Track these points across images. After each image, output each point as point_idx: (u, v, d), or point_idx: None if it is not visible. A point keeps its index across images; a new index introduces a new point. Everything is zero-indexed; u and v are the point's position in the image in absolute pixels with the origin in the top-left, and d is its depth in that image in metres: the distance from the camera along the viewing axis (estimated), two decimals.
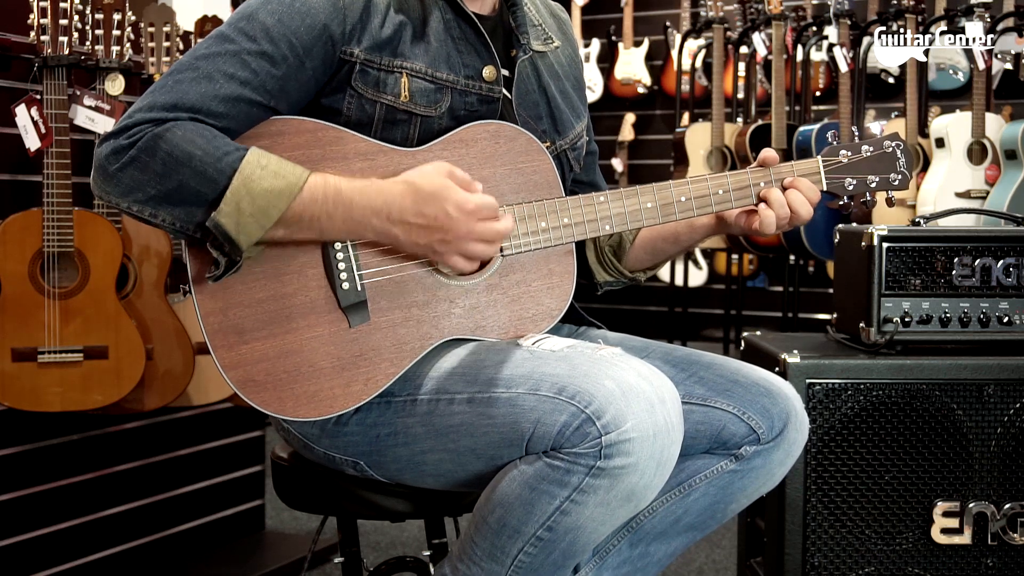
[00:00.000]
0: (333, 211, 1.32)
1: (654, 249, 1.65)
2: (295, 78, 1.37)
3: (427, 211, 1.32)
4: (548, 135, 1.58)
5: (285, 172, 1.30)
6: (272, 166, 1.29)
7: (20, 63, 2.28)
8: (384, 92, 1.41)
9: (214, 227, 1.28)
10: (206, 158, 1.28)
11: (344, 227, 1.33)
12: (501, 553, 1.32)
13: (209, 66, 1.33)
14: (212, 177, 1.28)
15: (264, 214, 1.29)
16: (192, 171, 1.28)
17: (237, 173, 1.28)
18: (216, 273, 1.32)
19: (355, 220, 1.33)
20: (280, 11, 1.36)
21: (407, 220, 1.32)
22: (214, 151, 1.28)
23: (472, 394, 1.34)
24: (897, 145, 1.56)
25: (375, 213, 1.33)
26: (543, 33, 1.63)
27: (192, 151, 1.27)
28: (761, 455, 1.47)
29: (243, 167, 1.28)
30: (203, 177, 1.28)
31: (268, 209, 1.29)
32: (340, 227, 1.33)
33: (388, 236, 1.34)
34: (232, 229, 1.28)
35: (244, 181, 1.28)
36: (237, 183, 1.27)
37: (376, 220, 1.33)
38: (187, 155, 1.27)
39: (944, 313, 1.98)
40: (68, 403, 2.21)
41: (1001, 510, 1.93)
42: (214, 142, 1.29)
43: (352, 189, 1.33)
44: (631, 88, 6.08)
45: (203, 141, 1.28)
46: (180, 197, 1.29)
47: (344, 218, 1.32)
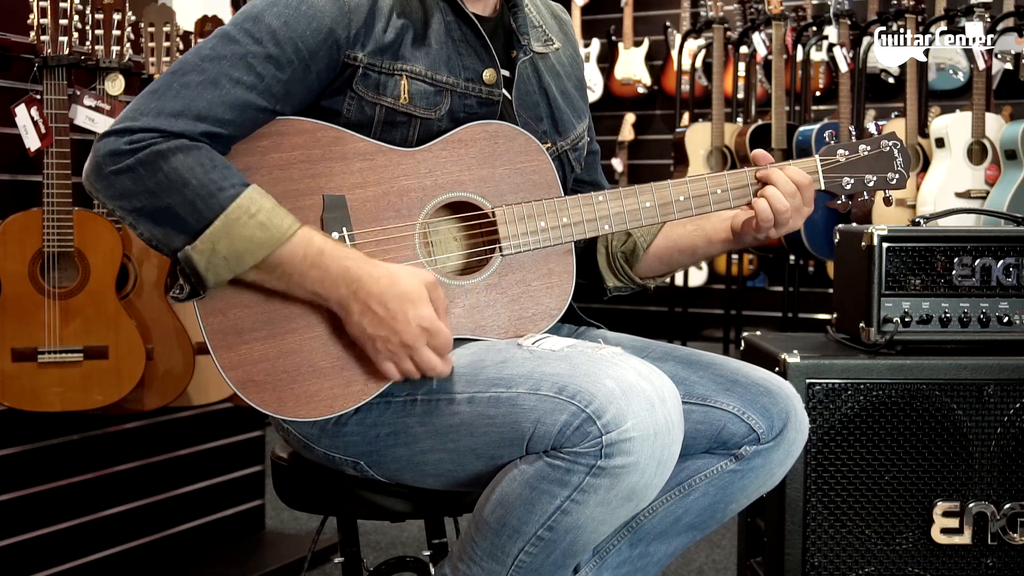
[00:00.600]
0: (308, 272, 1.31)
1: (669, 260, 1.64)
2: (300, 81, 1.37)
3: (391, 306, 1.31)
4: (549, 136, 1.58)
5: (273, 224, 1.29)
6: (261, 215, 1.28)
7: (20, 63, 2.28)
8: (384, 94, 1.41)
9: (184, 260, 1.28)
10: (200, 189, 1.27)
11: (311, 288, 1.32)
12: (502, 553, 1.32)
13: (215, 69, 1.32)
14: (199, 210, 1.27)
15: (238, 260, 1.29)
16: (183, 199, 1.27)
17: (223, 215, 1.27)
18: (179, 296, 1.33)
19: (325, 285, 1.32)
20: (287, 14, 1.35)
21: (368, 304, 1.31)
22: (209, 184, 1.27)
23: (472, 394, 1.34)
24: (894, 144, 1.56)
25: (346, 283, 1.31)
26: (544, 34, 1.63)
27: (188, 179, 1.27)
28: (761, 455, 1.47)
29: (231, 210, 1.27)
30: (191, 208, 1.27)
31: (244, 256, 1.28)
32: (308, 288, 1.32)
33: (343, 307, 1.33)
34: (201, 266, 1.28)
35: (227, 224, 1.27)
36: (219, 224, 1.27)
37: (344, 289, 1.31)
38: (183, 182, 1.27)
39: (944, 313, 1.98)
40: (68, 403, 2.21)
41: (1001, 510, 1.93)
42: (212, 174, 1.28)
43: (334, 255, 1.31)
44: (631, 88, 6.08)
45: (202, 171, 1.27)
46: (164, 218, 1.28)
47: (315, 280, 1.31)
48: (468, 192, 1.45)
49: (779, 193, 1.47)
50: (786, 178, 1.48)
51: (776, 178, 1.48)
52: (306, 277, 1.31)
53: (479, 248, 1.47)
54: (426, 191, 1.43)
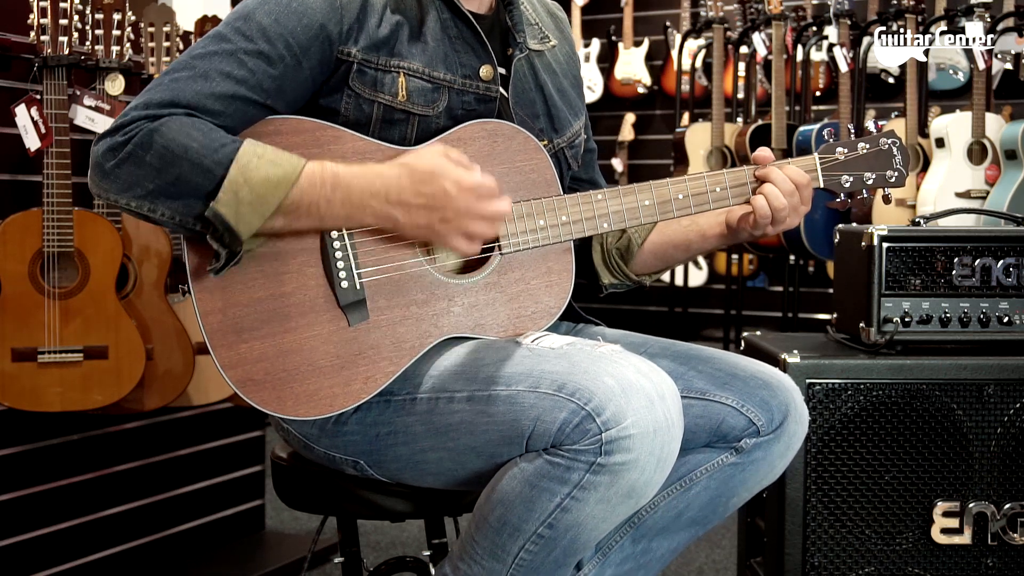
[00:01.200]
0: (332, 196, 1.31)
1: (664, 255, 1.64)
2: (292, 78, 1.37)
3: (425, 190, 1.31)
4: (546, 133, 1.58)
5: (282, 160, 1.30)
6: (269, 155, 1.29)
7: (20, 63, 2.28)
8: (382, 92, 1.42)
9: (213, 217, 1.28)
10: (202, 150, 1.28)
11: (343, 212, 1.33)
12: (502, 551, 1.32)
13: (205, 65, 1.33)
14: (209, 168, 1.28)
15: (263, 202, 1.28)
16: (189, 163, 1.28)
17: (234, 162, 1.28)
18: (217, 265, 1.32)
19: (354, 204, 1.32)
20: (277, 11, 1.36)
21: (406, 201, 1.32)
22: (210, 143, 1.28)
23: (472, 392, 1.34)
24: (893, 142, 1.56)
25: (374, 195, 1.32)
26: (540, 31, 1.63)
27: (188, 144, 1.28)
28: (761, 447, 1.47)
29: (240, 156, 1.28)
30: (200, 169, 1.28)
31: (267, 197, 1.28)
32: (339, 212, 1.32)
33: (388, 219, 1.33)
34: (231, 218, 1.28)
35: (241, 170, 1.27)
36: (234, 172, 1.27)
37: (375, 202, 1.32)
38: (183, 148, 1.27)
39: (944, 313, 1.98)
40: (68, 403, 2.21)
41: (1001, 510, 1.93)
42: (210, 135, 1.29)
43: (350, 173, 1.32)
44: (631, 88, 6.08)
45: (199, 134, 1.28)
46: (178, 190, 1.29)
47: (343, 202, 1.32)
48: None
49: (777, 191, 1.47)
50: (784, 176, 1.48)
51: (775, 176, 1.48)
52: (333, 203, 1.31)
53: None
54: None
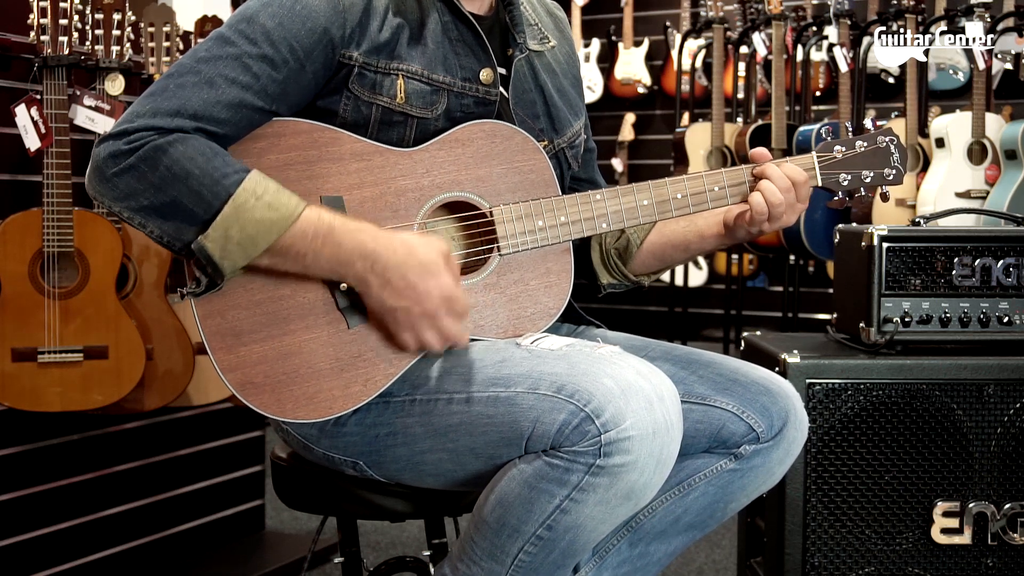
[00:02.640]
0: (320, 249, 1.31)
1: (663, 255, 1.64)
2: (295, 81, 1.37)
3: (411, 277, 1.31)
4: (546, 134, 1.58)
5: (280, 204, 1.29)
6: (267, 197, 1.28)
7: (20, 63, 2.28)
8: (380, 94, 1.41)
9: (199, 250, 1.28)
10: (203, 179, 1.27)
11: (327, 266, 1.32)
12: (501, 552, 1.32)
13: (211, 70, 1.32)
14: (207, 199, 1.27)
15: (252, 243, 1.28)
16: (188, 189, 1.27)
17: (231, 199, 1.27)
18: (196, 291, 1.32)
19: (339, 261, 1.32)
20: (281, 14, 1.35)
21: (387, 277, 1.31)
22: (212, 172, 1.27)
23: (471, 393, 1.34)
24: (891, 140, 1.56)
25: (362, 258, 1.31)
26: (539, 32, 1.63)
27: (191, 169, 1.27)
28: (761, 454, 1.47)
29: (238, 194, 1.27)
30: (198, 197, 1.27)
31: (256, 239, 1.28)
32: (324, 266, 1.32)
33: (362, 283, 1.33)
34: (217, 255, 1.28)
35: (236, 209, 1.27)
36: (229, 210, 1.27)
37: (360, 264, 1.32)
38: (186, 173, 1.27)
39: (944, 313, 1.98)
40: (68, 403, 2.21)
41: (1001, 510, 1.93)
42: (213, 161, 1.28)
43: (345, 230, 1.32)
44: (631, 88, 6.08)
45: (203, 160, 1.28)
46: (172, 212, 1.28)
47: (329, 258, 1.31)
48: (466, 192, 1.45)
49: (774, 187, 1.47)
50: (781, 173, 1.48)
51: (771, 173, 1.48)
52: (320, 255, 1.31)
53: (477, 248, 1.47)
54: (423, 191, 1.43)
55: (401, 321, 1.33)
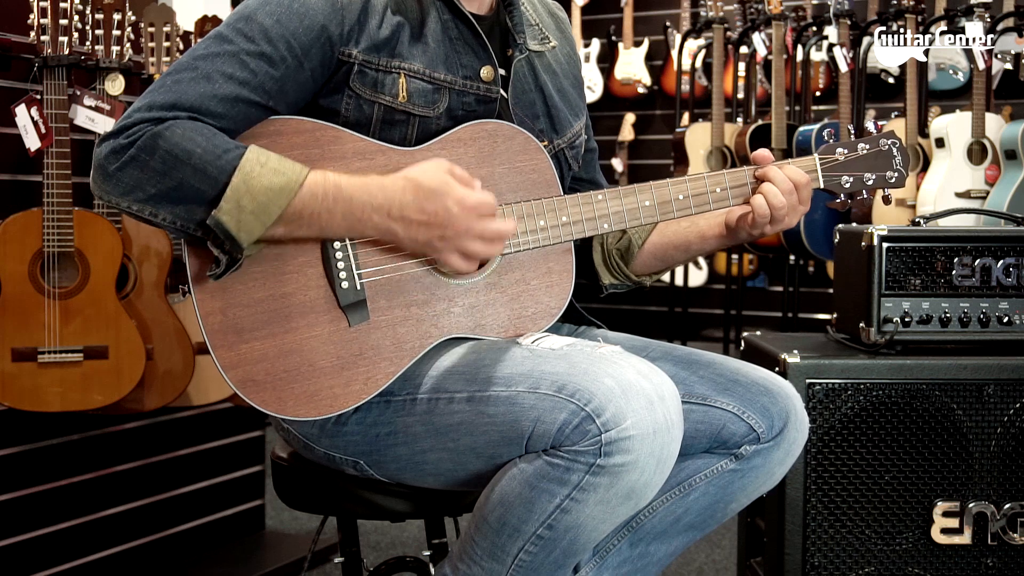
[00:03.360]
0: (333, 207, 1.32)
1: (664, 256, 1.65)
2: (293, 79, 1.37)
3: (427, 207, 1.32)
4: (546, 134, 1.58)
5: (285, 169, 1.30)
6: (272, 163, 1.29)
7: (20, 63, 2.28)
8: (382, 93, 1.42)
9: (215, 225, 1.28)
10: (206, 156, 1.28)
11: (344, 224, 1.33)
12: (502, 552, 1.32)
13: (208, 66, 1.33)
14: (212, 175, 1.28)
15: (264, 211, 1.29)
16: (192, 169, 1.28)
17: (237, 170, 1.28)
18: (217, 271, 1.32)
19: (355, 217, 1.32)
20: (279, 12, 1.36)
21: (407, 216, 1.32)
22: (214, 149, 1.28)
23: (472, 393, 1.34)
24: (893, 143, 1.57)
25: (376, 209, 1.32)
26: (540, 32, 1.63)
27: (192, 149, 1.27)
28: (761, 454, 1.47)
29: (243, 164, 1.28)
30: (203, 175, 1.28)
31: (268, 206, 1.29)
32: (340, 224, 1.33)
33: (388, 233, 1.34)
34: (233, 227, 1.28)
35: (244, 178, 1.28)
36: (237, 180, 1.27)
37: (377, 216, 1.32)
38: (187, 153, 1.27)
39: (944, 313, 1.98)
40: (68, 403, 2.21)
41: (1001, 510, 1.93)
42: (213, 140, 1.29)
43: (352, 185, 1.33)
44: (631, 88, 6.08)
45: (202, 139, 1.28)
46: (180, 195, 1.29)
47: (344, 214, 1.32)
48: None
49: (776, 190, 1.48)
50: (784, 175, 1.48)
51: (774, 175, 1.48)
52: (334, 214, 1.32)
53: None
54: None
55: (442, 248, 1.33)
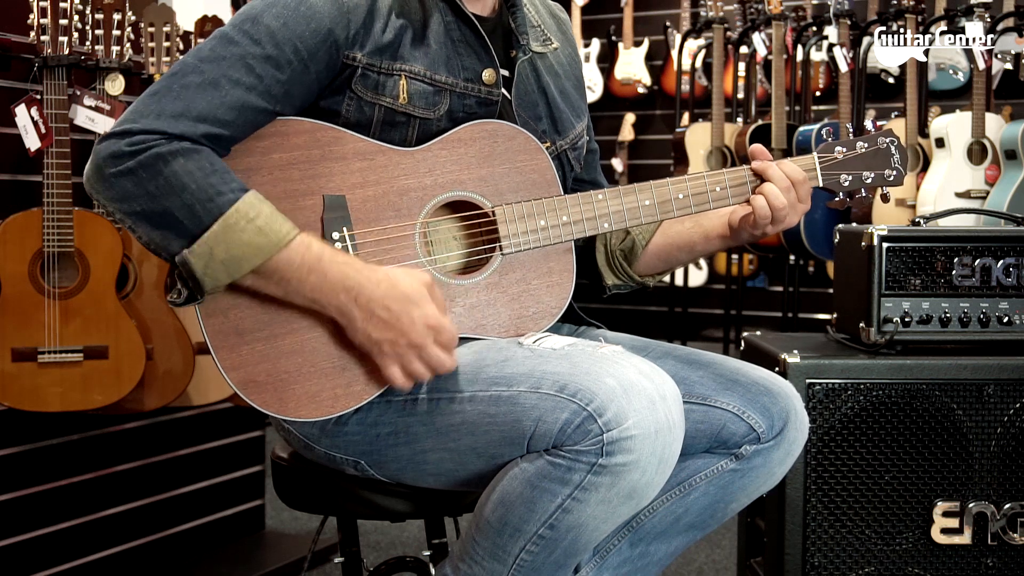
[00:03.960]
0: (305, 278, 1.30)
1: (668, 256, 1.65)
2: (299, 82, 1.37)
3: (394, 307, 1.31)
4: (548, 135, 1.58)
5: (271, 230, 1.28)
6: (259, 220, 1.28)
7: (20, 63, 2.28)
8: (383, 94, 1.41)
9: (182, 264, 1.28)
10: (198, 194, 1.27)
11: (310, 296, 1.32)
12: (503, 552, 1.32)
13: (214, 70, 1.32)
14: (198, 214, 1.27)
15: (236, 264, 1.28)
16: (182, 202, 1.27)
17: (221, 219, 1.27)
18: (177, 300, 1.33)
19: (323, 291, 1.31)
20: (285, 15, 1.35)
21: (371, 309, 1.31)
22: (208, 188, 1.27)
23: (473, 393, 1.34)
24: (891, 141, 1.57)
25: (346, 290, 1.31)
26: (542, 34, 1.63)
27: (187, 183, 1.27)
28: (761, 454, 1.47)
29: (229, 214, 1.27)
30: (190, 211, 1.27)
31: (241, 261, 1.28)
32: (307, 294, 1.32)
33: (346, 315, 1.32)
34: (199, 270, 1.28)
35: (225, 229, 1.27)
36: (218, 228, 1.27)
37: (343, 296, 1.31)
38: (181, 186, 1.27)
39: (944, 313, 1.98)
40: (68, 403, 2.21)
41: (1001, 510, 1.93)
42: (211, 178, 1.28)
43: (332, 261, 1.31)
44: (631, 88, 6.08)
45: (201, 176, 1.27)
46: (162, 222, 1.28)
47: (313, 287, 1.31)
48: (468, 191, 1.45)
49: (776, 190, 1.48)
50: (783, 174, 1.48)
51: (773, 174, 1.48)
52: (304, 283, 1.31)
53: (479, 247, 1.47)
54: (426, 191, 1.43)
55: (387, 353, 1.32)
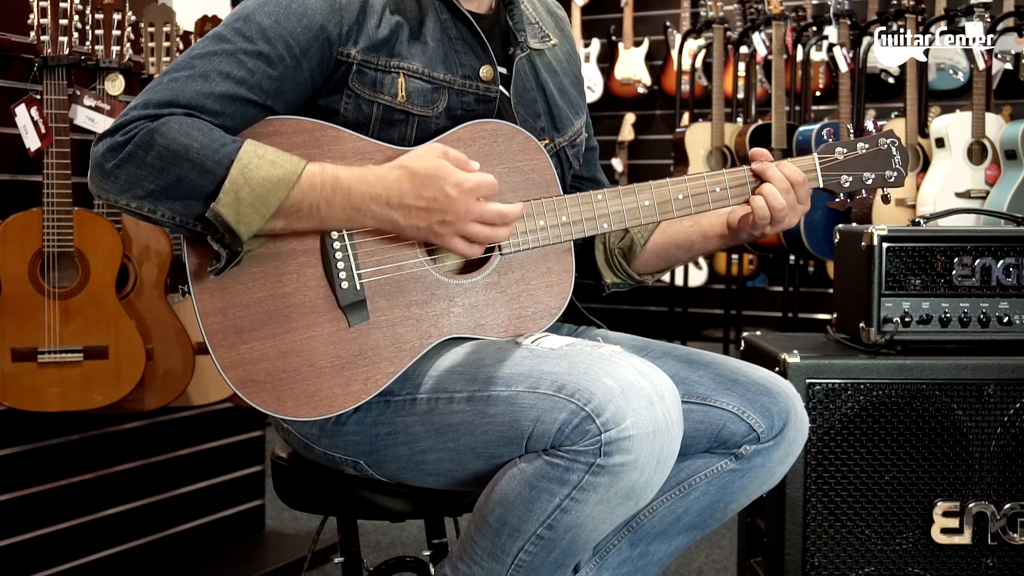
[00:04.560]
0: (332, 198, 1.32)
1: (666, 255, 1.65)
2: (292, 79, 1.37)
3: (426, 193, 1.31)
4: (547, 133, 1.58)
5: (283, 161, 1.30)
6: (269, 155, 1.30)
7: (20, 63, 2.28)
8: (381, 92, 1.42)
9: (214, 218, 1.28)
10: (203, 150, 1.28)
11: (343, 214, 1.33)
12: (502, 552, 1.32)
13: (205, 65, 1.33)
14: (210, 168, 1.28)
15: (263, 203, 1.29)
16: (190, 163, 1.28)
17: (235, 163, 1.28)
18: (217, 266, 1.32)
19: (354, 207, 1.32)
20: (277, 12, 1.36)
21: (406, 203, 1.32)
22: (211, 143, 1.28)
23: (471, 392, 1.34)
24: (892, 142, 1.57)
25: (374, 199, 1.32)
26: (540, 31, 1.63)
27: (189, 144, 1.27)
28: (761, 454, 1.47)
29: (240, 156, 1.28)
30: (201, 169, 1.28)
31: (267, 197, 1.29)
32: (339, 215, 1.33)
33: (388, 222, 1.34)
34: (232, 219, 1.28)
35: (242, 170, 1.28)
36: (235, 172, 1.27)
37: (376, 206, 1.32)
38: (184, 148, 1.27)
39: (944, 313, 1.98)
40: (68, 403, 2.21)
41: (1001, 510, 1.93)
42: (210, 135, 1.29)
43: (350, 176, 1.33)
44: (631, 88, 6.08)
45: (199, 134, 1.28)
46: (178, 191, 1.29)
47: (343, 205, 1.32)
48: None
49: (776, 191, 1.48)
50: (782, 175, 1.48)
51: (772, 175, 1.49)
52: (333, 205, 1.32)
53: None
54: None
55: (444, 233, 1.33)
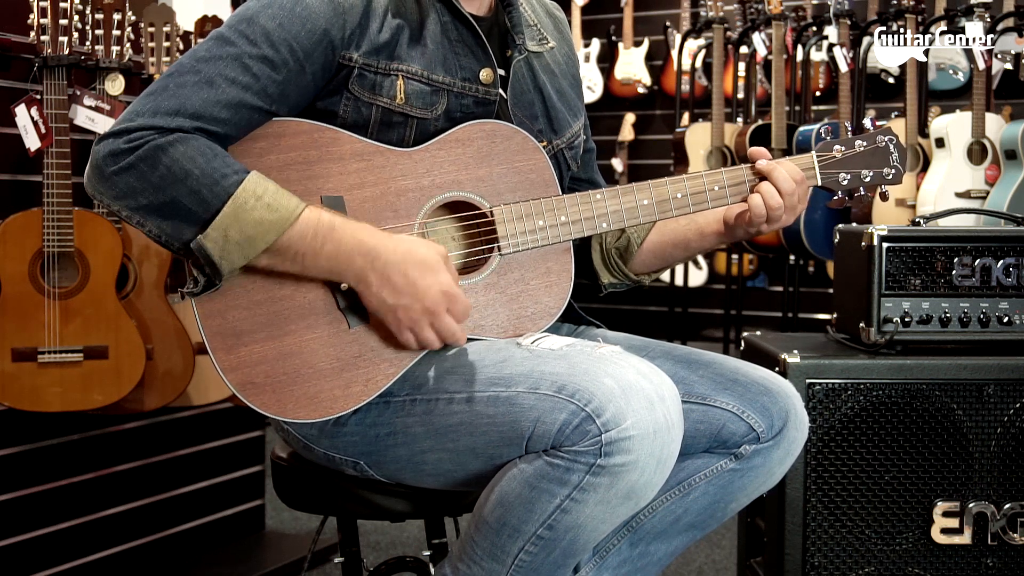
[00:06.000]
0: (320, 249, 1.31)
1: (663, 254, 1.65)
2: (295, 82, 1.37)
3: (410, 274, 1.32)
4: (544, 135, 1.58)
5: (280, 205, 1.29)
6: (267, 197, 1.28)
7: (20, 63, 2.28)
8: (380, 95, 1.41)
9: (198, 249, 1.28)
10: (203, 179, 1.27)
11: (327, 265, 1.32)
12: (502, 552, 1.32)
13: (210, 70, 1.32)
14: (206, 199, 1.27)
15: (251, 244, 1.28)
16: (188, 189, 1.27)
17: (231, 200, 1.27)
18: (193, 290, 1.32)
19: (339, 259, 1.32)
20: (281, 15, 1.35)
21: (387, 274, 1.32)
22: (212, 172, 1.27)
23: (471, 393, 1.34)
24: (890, 140, 1.57)
25: (362, 255, 1.32)
26: (539, 33, 1.63)
27: (191, 169, 1.27)
28: (761, 454, 1.47)
29: (238, 194, 1.27)
30: (197, 197, 1.27)
31: (255, 240, 1.28)
32: (323, 264, 1.32)
33: (362, 280, 1.33)
34: (216, 254, 1.28)
35: (236, 209, 1.27)
36: (228, 210, 1.27)
37: (360, 260, 1.32)
38: (185, 172, 1.27)
39: (944, 313, 1.98)
40: (68, 403, 2.21)
41: (1001, 510, 1.93)
42: (213, 162, 1.28)
43: (346, 227, 1.32)
44: (631, 88, 6.08)
45: (203, 160, 1.27)
46: (171, 212, 1.28)
47: (330, 256, 1.31)
48: (466, 192, 1.45)
49: (773, 189, 1.48)
50: (787, 176, 1.48)
51: (771, 174, 1.49)
52: (319, 254, 1.31)
53: (477, 248, 1.47)
54: (424, 191, 1.43)
55: (402, 319, 1.33)
